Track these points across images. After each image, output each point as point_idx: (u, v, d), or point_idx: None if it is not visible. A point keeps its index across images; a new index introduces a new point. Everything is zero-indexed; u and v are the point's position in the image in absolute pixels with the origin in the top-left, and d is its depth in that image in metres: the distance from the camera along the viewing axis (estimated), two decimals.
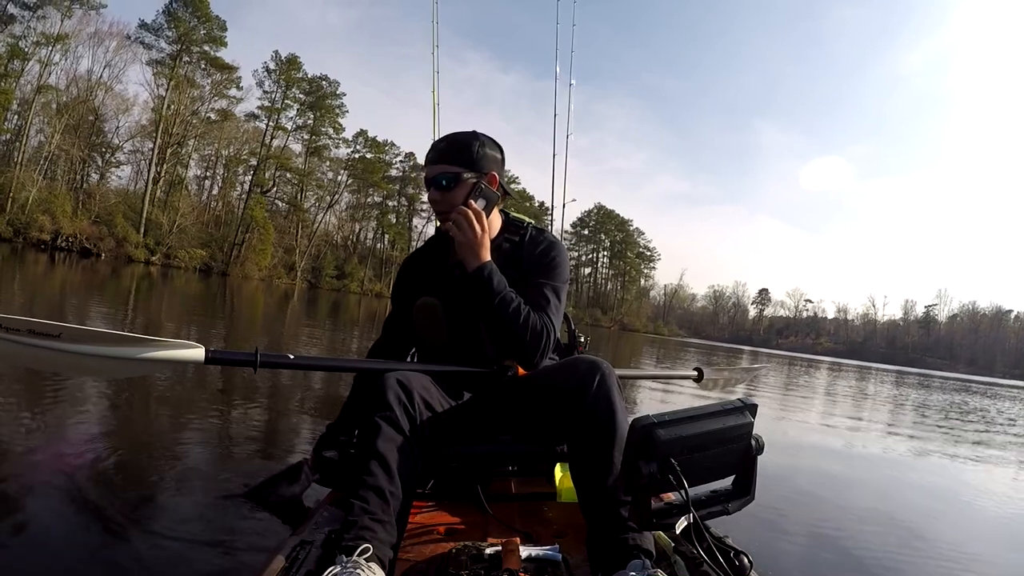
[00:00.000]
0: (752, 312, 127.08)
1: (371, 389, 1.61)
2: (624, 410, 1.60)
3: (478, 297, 1.79)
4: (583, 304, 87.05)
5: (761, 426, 1.39)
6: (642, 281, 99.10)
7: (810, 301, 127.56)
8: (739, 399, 1.42)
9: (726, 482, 1.44)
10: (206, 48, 52.59)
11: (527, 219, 2.05)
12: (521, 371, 1.91)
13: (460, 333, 1.91)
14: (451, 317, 1.92)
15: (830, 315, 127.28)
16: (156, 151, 50.01)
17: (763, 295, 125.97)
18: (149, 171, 49.93)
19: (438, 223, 1.99)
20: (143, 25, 50.58)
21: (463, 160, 1.84)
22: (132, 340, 1.49)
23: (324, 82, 60.35)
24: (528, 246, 1.95)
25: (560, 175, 3.91)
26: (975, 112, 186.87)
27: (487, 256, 1.81)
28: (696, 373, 3.16)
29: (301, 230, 61.01)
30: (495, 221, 1.97)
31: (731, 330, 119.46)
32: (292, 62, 58.24)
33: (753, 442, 1.40)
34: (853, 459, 5.65)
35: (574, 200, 3.85)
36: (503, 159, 1.93)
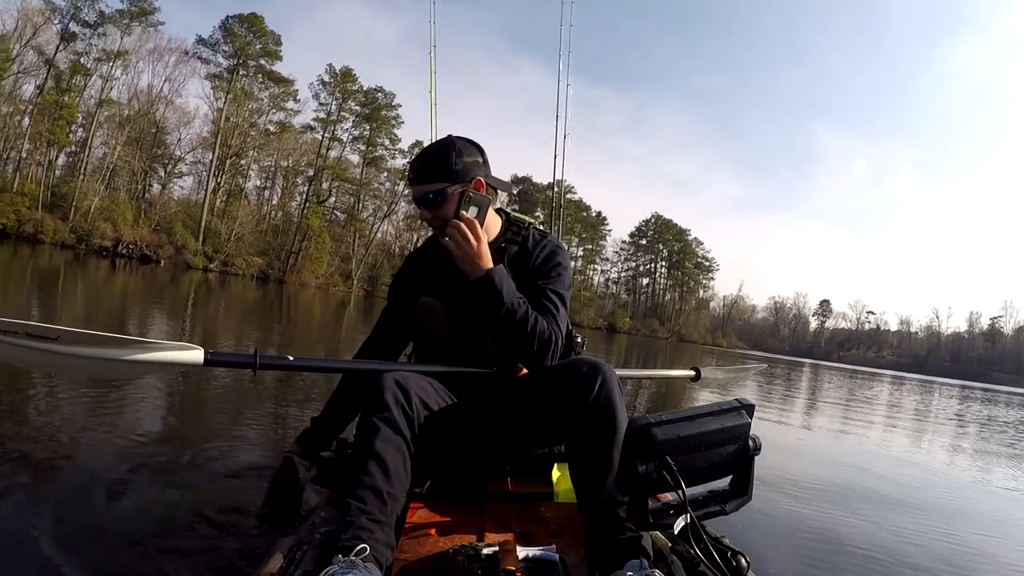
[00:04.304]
0: (813, 324, 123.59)
1: (369, 390, 1.62)
2: (625, 412, 1.59)
3: (485, 305, 1.76)
4: (640, 315, 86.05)
5: (781, 430, 1.37)
6: (701, 292, 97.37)
7: (872, 313, 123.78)
8: (736, 399, 1.40)
9: (723, 482, 1.42)
10: (262, 62, 54.21)
11: (528, 220, 2.03)
12: (522, 371, 1.91)
13: (462, 334, 1.91)
14: (452, 318, 1.91)
15: (893, 327, 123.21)
16: (215, 162, 51.74)
17: (824, 307, 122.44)
18: (208, 181, 51.64)
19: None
20: (200, 41, 52.53)
21: (444, 174, 1.79)
22: (130, 343, 1.50)
23: (379, 94, 61.28)
24: (532, 249, 1.93)
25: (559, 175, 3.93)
26: None
27: (489, 263, 1.77)
28: (694, 372, 3.16)
29: (358, 239, 61.92)
30: (493, 224, 1.95)
31: (792, 342, 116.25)
32: (347, 75, 59.38)
33: (750, 442, 1.39)
34: (861, 464, 5.47)
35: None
36: (485, 159, 1.88)
